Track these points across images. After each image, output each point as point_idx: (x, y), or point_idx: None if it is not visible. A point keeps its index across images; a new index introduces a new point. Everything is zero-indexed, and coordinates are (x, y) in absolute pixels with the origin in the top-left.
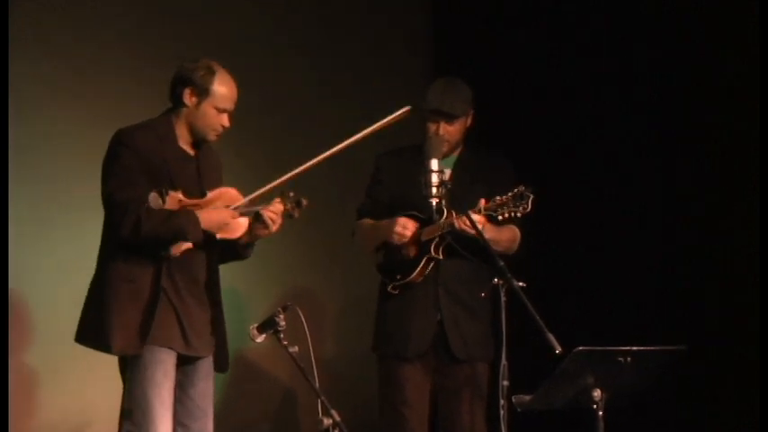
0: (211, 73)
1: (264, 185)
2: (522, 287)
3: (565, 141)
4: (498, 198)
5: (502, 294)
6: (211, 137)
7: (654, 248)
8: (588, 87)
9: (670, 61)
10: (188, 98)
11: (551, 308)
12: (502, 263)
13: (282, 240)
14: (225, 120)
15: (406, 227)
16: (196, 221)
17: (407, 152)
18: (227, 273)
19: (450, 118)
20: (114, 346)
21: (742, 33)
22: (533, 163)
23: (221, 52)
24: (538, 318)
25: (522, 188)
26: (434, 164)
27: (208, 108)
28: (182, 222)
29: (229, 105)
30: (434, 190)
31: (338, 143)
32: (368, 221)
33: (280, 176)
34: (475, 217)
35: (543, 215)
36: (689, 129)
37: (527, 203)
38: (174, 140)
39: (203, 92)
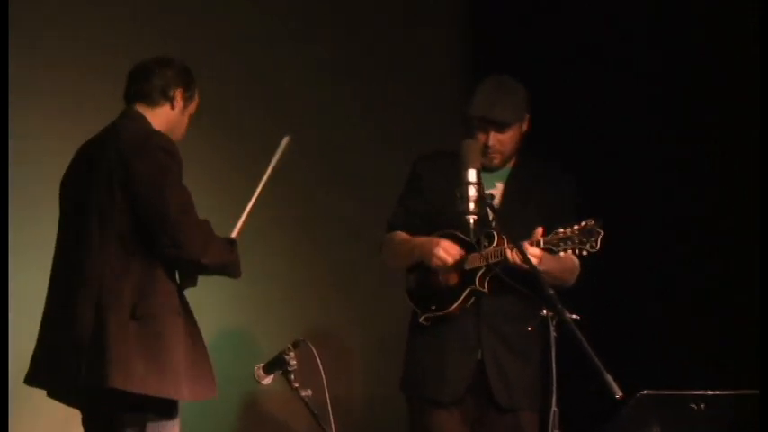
0: (194, 78)
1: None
2: (575, 320)
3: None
4: (562, 231)
5: (551, 328)
6: None
7: (722, 278)
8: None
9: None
10: (178, 100)
11: (608, 344)
12: (551, 290)
13: (291, 268)
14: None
15: (449, 251)
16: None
17: (450, 156)
18: (231, 309)
19: (501, 126)
20: (186, 391)
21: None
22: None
23: (222, 52)
24: (594, 356)
25: (591, 222)
26: (471, 174)
27: (188, 115)
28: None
29: None
30: (471, 206)
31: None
32: (401, 235)
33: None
34: (532, 250)
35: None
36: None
37: (596, 241)
38: None
39: (191, 97)
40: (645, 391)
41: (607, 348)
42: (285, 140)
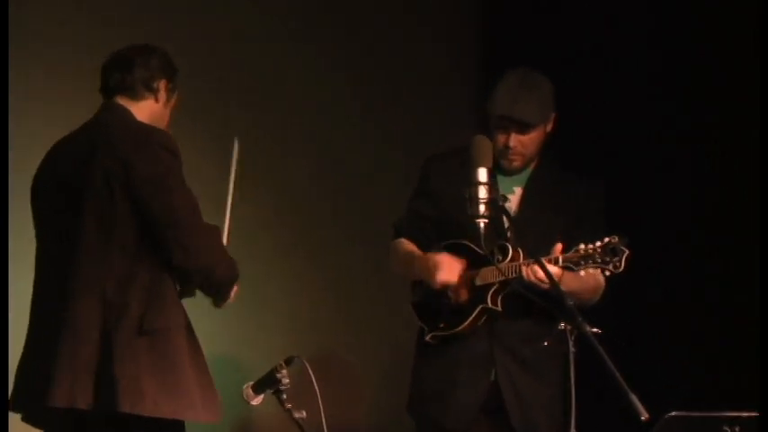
0: (176, 69)
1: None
2: (596, 333)
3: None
4: (582, 248)
5: (570, 343)
6: None
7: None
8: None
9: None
10: (162, 92)
11: (632, 361)
12: (571, 302)
13: (283, 277)
14: None
15: (451, 271)
16: None
17: (463, 155)
18: (217, 322)
19: (524, 127)
20: (201, 412)
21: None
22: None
23: (221, 52)
24: (617, 374)
25: (614, 239)
26: (482, 174)
27: (170, 110)
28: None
29: None
30: (482, 208)
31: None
32: (404, 246)
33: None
34: (549, 268)
35: None
36: None
37: (620, 261)
38: None
39: (174, 89)
40: (674, 413)
41: (626, 365)
42: (235, 145)
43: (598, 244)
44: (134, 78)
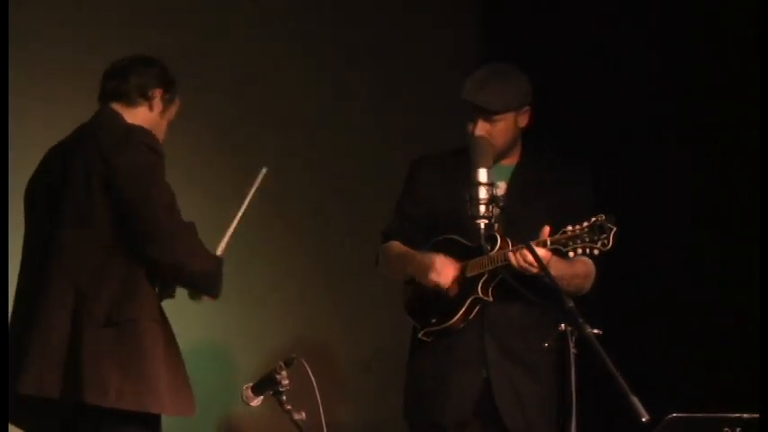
0: (175, 81)
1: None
2: (596, 335)
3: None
4: (570, 229)
5: (571, 345)
6: None
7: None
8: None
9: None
10: (157, 101)
11: (632, 363)
12: (571, 303)
13: (282, 278)
14: None
15: (443, 271)
16: None
17: (449, 157)
18: (215, 323)
19: (488, 114)
20: (168, 405)
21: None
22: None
23: (220, 49)
24: (618, 375)
25: (601, 218)
26: (483, 174)
27: (166, 120)
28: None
29: None
30: (482, 208)
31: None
32: (395, 247)
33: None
34: (538, 251)
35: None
36: None
37: (607, 238)
38: None
39: (170, 100)
40: (674, 414)
41: (627, 366)
42: (263, 172)
43: (585, 224)
44: (129, 86)
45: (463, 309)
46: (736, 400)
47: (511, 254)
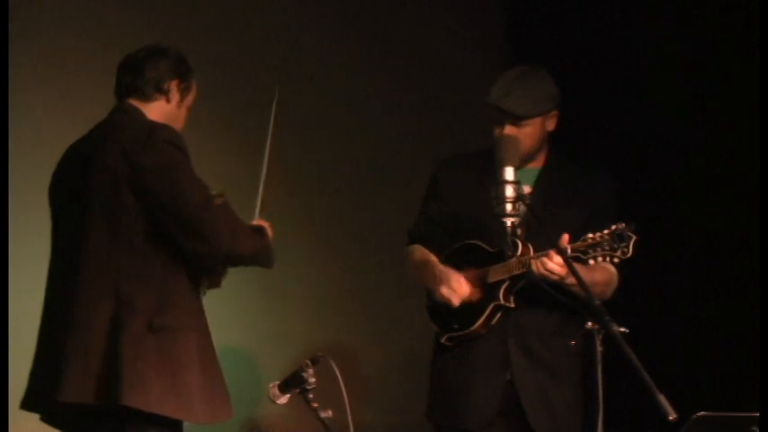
0: (190, 67)
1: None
2: (623, 333)
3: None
4: (590, 236)
5: (597, 343)
6: None
7: None
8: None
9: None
10: (174, 93)
11: (659, 361)
12: (598, 301)
13: (308, 278)
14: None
15: (456, 287)
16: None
17: (475, 158)
18: (242, 322)
19: (516, 119)
20: (200, 414)
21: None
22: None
23: (241, 46)
24: (646, 374)
25: (621, 226)
26: (509, 173)
27: (186, 108)
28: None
29: None
30: (509, 206)
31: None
32: (417, 254)
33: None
34: (557, 259)
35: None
36: None
37: (627, 246)
38: None
39: (188, 89)
40: (701, 413)
41: (653, 364)
42: (276, 96)
43: (606, 231)
44: (144, 80)
45: (485, 315)
46: (763, 400)
47: (533, 260)
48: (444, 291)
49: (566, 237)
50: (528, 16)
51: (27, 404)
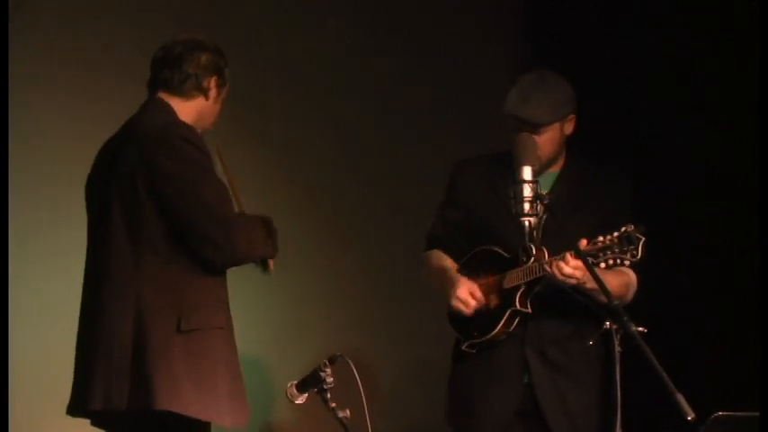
0: (227, 60)
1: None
2: (641, 332)
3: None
4: (600, 239)
5: (616, 343)
6: None
7: None
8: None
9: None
10: (213, 89)
11: (677, 361)
12: (617, 301)
13: (325, 277)
14: None
15: (464, 298)
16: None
17: (492, 161)
18: (260, 321)
19: (535, 127)
20: (227, 416)
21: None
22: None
23: (254, 47)
24: (664, 374)
25: (630, 228)
26: (527, 172)
27: (220, 102)
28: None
29: None
30: (527, 206)
31: None
32: (434, 259)
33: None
34: (573, 263)
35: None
36: None
37: (636, 249)
38: None
39: (224, 84)
40: (720, 413)
41: (672, 364)
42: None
43: (615, 234)
44: (183, 77)
45: (502, 321)
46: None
47: (547, 265)
48: (455, 303)
49: (583, 242)
50: (544, 15)
51: (71, 410)
